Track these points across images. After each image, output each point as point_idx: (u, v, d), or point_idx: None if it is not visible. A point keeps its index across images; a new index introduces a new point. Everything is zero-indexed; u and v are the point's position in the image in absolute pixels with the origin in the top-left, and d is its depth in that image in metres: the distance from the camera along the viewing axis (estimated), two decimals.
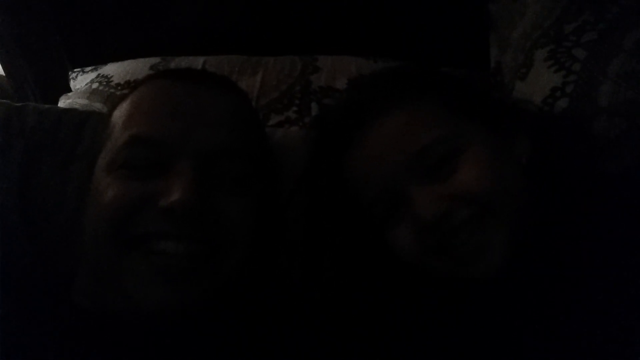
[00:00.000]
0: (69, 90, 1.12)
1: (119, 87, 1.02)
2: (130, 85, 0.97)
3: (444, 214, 0.53)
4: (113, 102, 0.66)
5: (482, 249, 0.53)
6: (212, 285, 0.53)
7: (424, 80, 0.63)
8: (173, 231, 0.50)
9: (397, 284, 0.62)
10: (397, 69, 0.71)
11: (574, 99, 0.72)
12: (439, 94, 0.59)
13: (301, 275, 0.69)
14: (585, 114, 0.69)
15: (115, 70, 1.07)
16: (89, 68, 1.13)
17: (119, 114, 0.58)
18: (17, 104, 0.79)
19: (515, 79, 0.83)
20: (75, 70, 1.15)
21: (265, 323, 0.57)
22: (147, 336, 0.51)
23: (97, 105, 0.99)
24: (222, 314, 0.55)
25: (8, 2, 1.09)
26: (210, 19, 1.12)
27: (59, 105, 1.05)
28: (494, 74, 0.94)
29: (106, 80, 1.05)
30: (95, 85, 1.04)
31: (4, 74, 1.19)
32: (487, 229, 0.53)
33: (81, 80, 1.11)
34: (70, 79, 1.15)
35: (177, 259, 0.50)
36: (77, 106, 0.99)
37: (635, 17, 0.71)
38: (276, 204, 0.67)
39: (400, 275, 0.61)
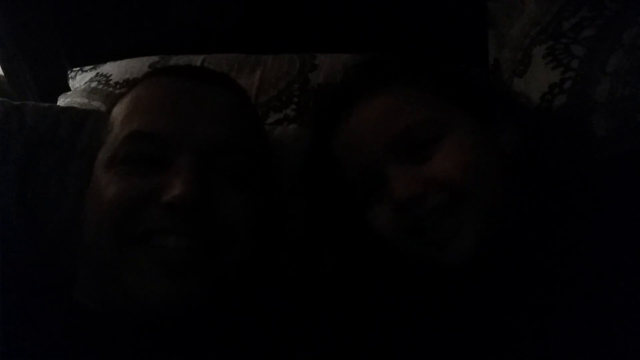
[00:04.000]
0: (68, 89, 1.12)
1: (118, 86, 1.02)
2: (129, 84, 0.97)
3: (417, 197, 0.53)
4: (112, 99, 0.66)
5: (454, 233, 0.54)
6: (213, 280, 0.53)
7: (411, 65, 0.64)
8: (174, 226, 0.50)
9: (378, 267, 0.63)
10: (388, 56, 0.72)
11: (571, 96, 0.72)
12: (425, 78, 0.60)
13: (300, 268, 0.69)
14: (583, 111, 0.69)
15: (114, 69, 1.07)
16: (88, 67, 1.13)
17: (119, 110, 0.58)
18: (16, 103, 0.79)
19: (513, 76, 0.83)
20: (74, 69, 1.16)
21: (265, 318, 0.57)
22: (149, 333, 0.50)
23: (96, 104, 0.99)
24: (223, 309, 0.55)
25: (7, 1, 1.08)
26: (209, 17, 1.12)
27: (57, 104, 1.05)
28: (492, 71, 0.94)
29: (105, 79, 1.05)
30: (94, 84, 1.05)
31: (2, 74, 1.19)
32: (459, 215, 0.53)
33: (80, 79, 1.11)
34: (69, 78, 1.15)
35: (178, 254, 0.50)
36: (76, 105, 0.99)
37: (633, 14, 0.72)
38: (276, 199, 0.67)
39: (382, 258, 0.62)
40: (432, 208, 0.54)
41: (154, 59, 1.05)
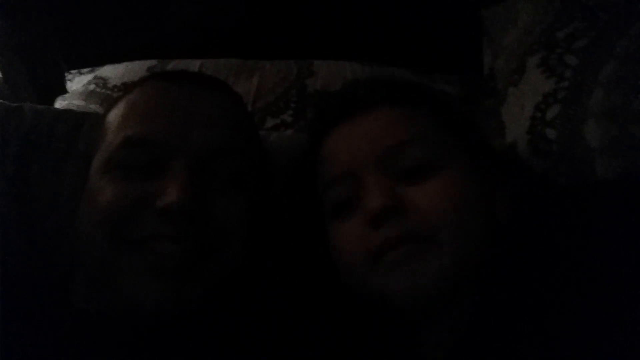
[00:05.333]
0: (66, 91, 1.12)
1: (116, 89, 1.02)
2: (126, 88, 0.98)
3: (392, 210, 0.49)
4: (108, 103, 0.66)
5: (413, 274, 0.49)
6: (208, 284, 0.53)
7: (421, 91, 0.62)
8: (169, 232, 0.50)
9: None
10: (399, 77, 0.70)
11: (565, 105, 0.73)
12: (431, 106, 0.58)
13: (299, 268, 0.69)
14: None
15: (112, 72, 1.07)
16: (86, 70, 1.13)
17: (114, 115, 0.58)
18: (14, 104, 0.79)
19: (508, 85, 0.84)
20: (72, 71, 1.16)
21: (265, 318, 0.57)
22: (144, 337, 0.50)
23: (94, 107, 0.99)
24: (222, 309, 0.56)
25: (5, 3, 1.09)
26: (207, 22, 1.13)
27: (55, 106, 1.05)
28: (487, 80, 0.95)
29: (103, 82, 1.05)
30: (91, 87, 1.05)
31: (0, 75, 1.19)
32: (425, 257, 0.49)
33: (78, 82, 1.11)
34: (66, 81, 1.15)
35: (173, 259, 0.50)
36: (73, 108, 0.99)
37: (625, 24, 0.73)
38: (270, 204, 0.68)
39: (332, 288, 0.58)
40: (403, 235, 0.49)
41: (152, 62, 1.06)
